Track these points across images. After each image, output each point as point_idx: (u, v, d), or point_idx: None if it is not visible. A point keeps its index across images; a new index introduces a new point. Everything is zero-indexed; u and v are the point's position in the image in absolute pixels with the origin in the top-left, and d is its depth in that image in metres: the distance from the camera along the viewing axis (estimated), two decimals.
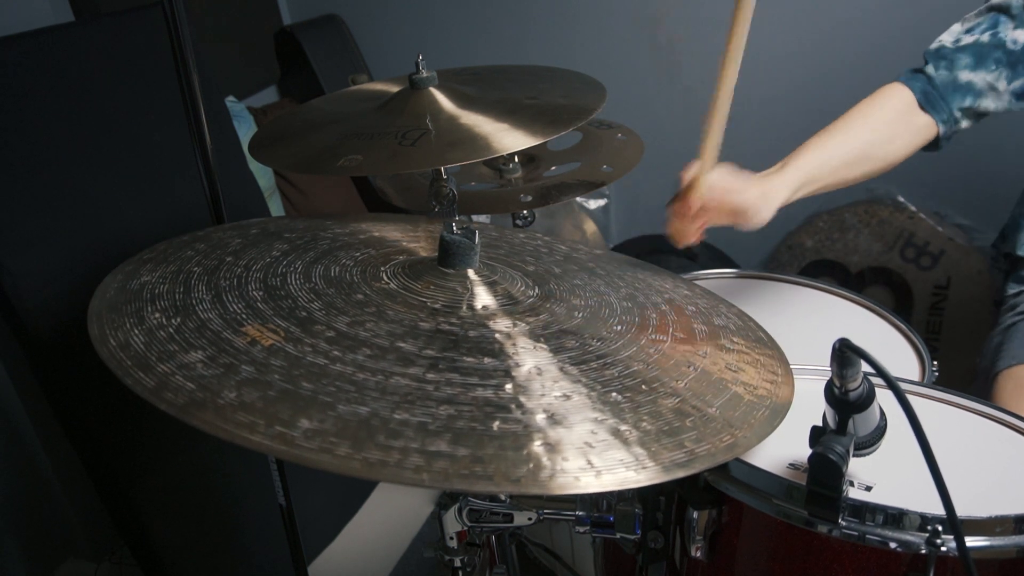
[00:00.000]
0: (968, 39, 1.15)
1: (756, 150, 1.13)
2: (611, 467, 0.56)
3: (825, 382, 0.68)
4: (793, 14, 2.06)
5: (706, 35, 2.17)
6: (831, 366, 0.65)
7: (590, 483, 0.55)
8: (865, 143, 1.13)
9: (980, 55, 1.14)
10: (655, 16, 2.20)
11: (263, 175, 1.96)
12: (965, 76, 1.14)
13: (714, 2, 2.11)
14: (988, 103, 1.15)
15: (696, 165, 1.00)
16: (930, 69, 1.16)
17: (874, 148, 1.13)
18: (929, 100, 1.15)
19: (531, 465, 0.55)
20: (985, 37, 1.14)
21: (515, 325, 0.73)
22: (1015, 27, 1.12)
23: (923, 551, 0.63)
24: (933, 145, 1.20)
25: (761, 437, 0.66)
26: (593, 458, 0.56)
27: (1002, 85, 1.13)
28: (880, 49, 1.92)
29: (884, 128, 1.14)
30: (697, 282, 1.04)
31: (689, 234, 1.05)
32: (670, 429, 0.62)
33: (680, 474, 0.58)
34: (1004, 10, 1.14)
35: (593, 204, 2.42)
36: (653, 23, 2.21)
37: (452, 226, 0.81)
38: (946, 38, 1.18)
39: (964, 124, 1.17)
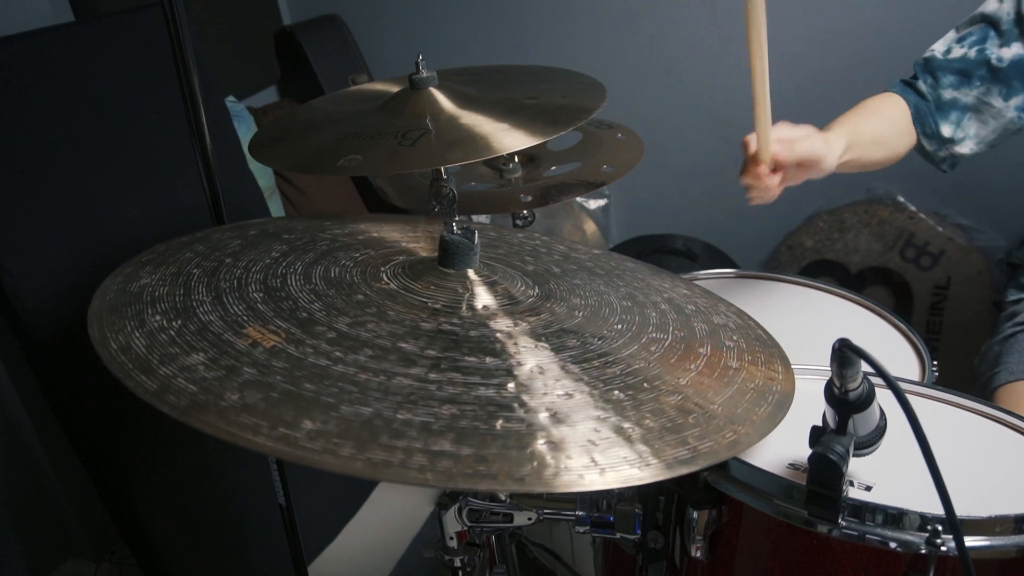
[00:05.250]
0: (958, 51, 1.16)
1: None
2: (615, 464, 0.56)
3: (825, 382, 0.68)
4: (791, 19, 2.06)
5: (706, 34, 2.17)
6: (831, 366, 0.65)
7: (594, 481, 0.55)
8: (885, 127, 1.16)
9: (964, 72, 1.14)
10: (654, 16, 2.20)
11: (263, 175, 1.96)
12: (949, 94, 1.15)
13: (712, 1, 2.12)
14: (989, 120, 1.14)
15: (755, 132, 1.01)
16: (921, 85, 1.18)
17: (891, 136, 1.16)
18: (919, 115, 1.17)
19: (535, 464, 0.55)
20: (972, 52, 1.14)
21: (516, 324, 0.73)
22: (1001, 44, 1.12)
23: (923, 551, 0.63)
24: (933, 164, 1.21)
25: (763, 434, 0.66)
26: (597, 456, 0.56)
27: (997, 102, 1.13)
28: (877, 56, 1.93)
29: (896, 123, 1.17)
30: (696, 282, 1.04)
31: (771, 194, 1.04)
32: (673, 426, 0.62)
33: (684, 471, 0.58)
34: (994, 24, 1.14)
35: (593, 204, 2.42)
36: (652, 22, 2.21)
37: (452, 226, 0.81)
38: (938, 47, 1.19)
39: (964, 146, 1.17)
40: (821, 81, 2.06)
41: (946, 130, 1.16)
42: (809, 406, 0.73)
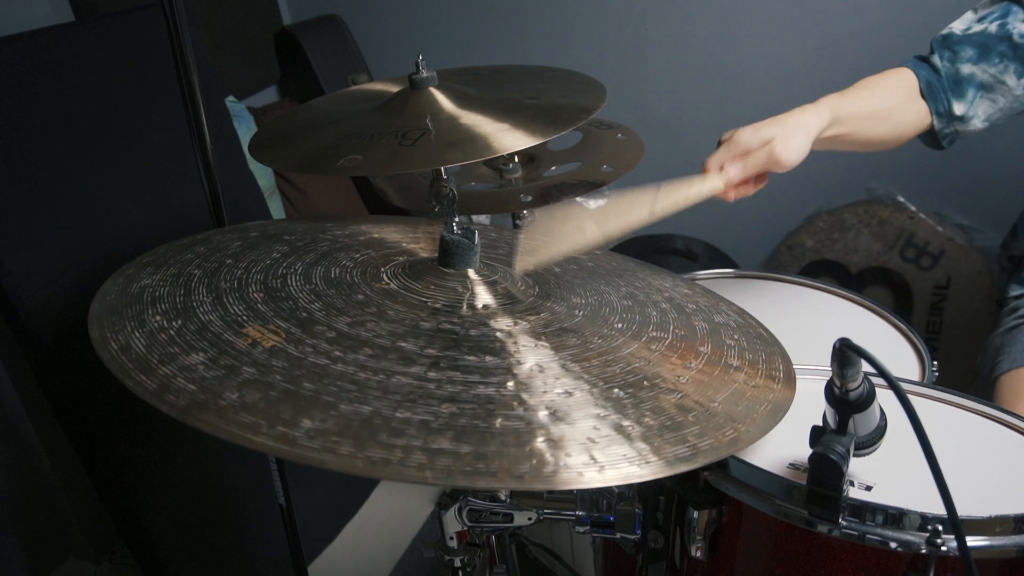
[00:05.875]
0: (978, 27, 1.12)
1: None
2: (614, 462, 0.56)
3: (825, 382, 0.68)
4: (796, 26, 2.06)
5: (705, 34, 2.17)
6: (831, 366, 0.65)
7: (593, 478, 0.55)
8: (884, 102, 1.13)
9: (984, 46, 1.11)
10: (654, 16, 2.20)
11: (263, 175, 1.96)
12: (967, 69, 1.12)
13: (714, 2, 2.12)
14: (999, 99, 1.12)
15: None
16: (936, 60, 1.14)
17: (891, 111, 1.13)
18: (931, 91, 1.13)
19: (534, 461, 0.55)
20: (993, 27, 1.11)
21: (516, 324, 0.73)
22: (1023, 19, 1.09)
23: (923, 551, 0.63)
24: (934, 142, 1.17)
25: (764, 431, 0.66)
26: (596, 453, 0.56)
27: (1011, 80, 1.10)
28: (879, 58, 1.92)
29: (897, 95, 1.14)
30: (697, 282, 1.04)
31: (751, 191, 1.05)
32: (673, 424, 0.62)
33: (683, 468, 0.58)
34: (1018, 0, 1.11)
35: (593, 204, 2.42)
36: (652, 23, 2.21)
37: (452, 226, 0.81)
38: (957, 25, 1.15)
39: (971, 125, 1.14)
40: (823, 84, 2.06)
41: (958, 108, 1.13)
42: (809, 406, 0.73)
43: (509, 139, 0.89)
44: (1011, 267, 1.42)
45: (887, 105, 1.13)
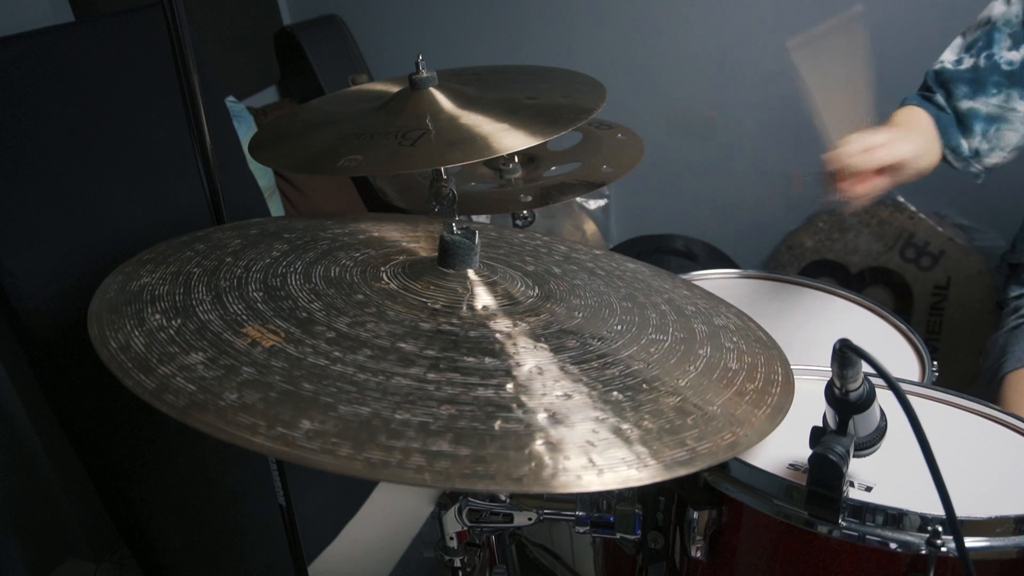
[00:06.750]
0: (968, 61, 1.14)
1: (755, 159, 1.13)
2: (613, 465, 0.56)
3: (825, 382, 0.68)
4: (796, 25, 2.06)
5: (705, 35, 2.17)
6: (831, 366, 0.65)
7: (592, 482, 0.54)
8: (928, 139, 1.14)
9: (976, 82, 1.13)
10: (654, 16, 2.20)
11: (263, 175, 1.96)
12: (965, 104, 1.14)
13: (713, 3, 2.12)
14: (1019, 127, 1.12)
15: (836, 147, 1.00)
16: (939, 99, 1.16)
17: (929, 143, 1.14)
18: (940, 126, 1.15)
19: (533, 464, 0.55)
20: (982, 60, 1.13)
21: (515, 325, 0.73)
22: (1011, 47, 1.11)
23: (923, 551, 0.63)
24: (969, 173, 1.19)
25: (762, 435, 0.66)
26: (595, 457, 0.56)
27: (1020, 105, 1.11)
28: (880, 57, 1.92)
29: (929, 132, 1.15)
30: (697, 282, 1.04)
31: (867, 200, 1.03)
32: (672, 427, 0.62)
33: (682, 472, 0.58)
34: (1002, 27, 1.13)
35: (593, 204, 2.42)
36: (651, 22, 2.21)
37: (452, 226, 0.81)
38: (948, 56, 1.18)
39: (993, 157, 1.15)
40: None
41: (969, 143, 1.14)
42: (809, 406, 0.73)
43: (509, 139, 0.89)
44: (1009, 271, 1.42)
45: (929, 140, 1.14)
